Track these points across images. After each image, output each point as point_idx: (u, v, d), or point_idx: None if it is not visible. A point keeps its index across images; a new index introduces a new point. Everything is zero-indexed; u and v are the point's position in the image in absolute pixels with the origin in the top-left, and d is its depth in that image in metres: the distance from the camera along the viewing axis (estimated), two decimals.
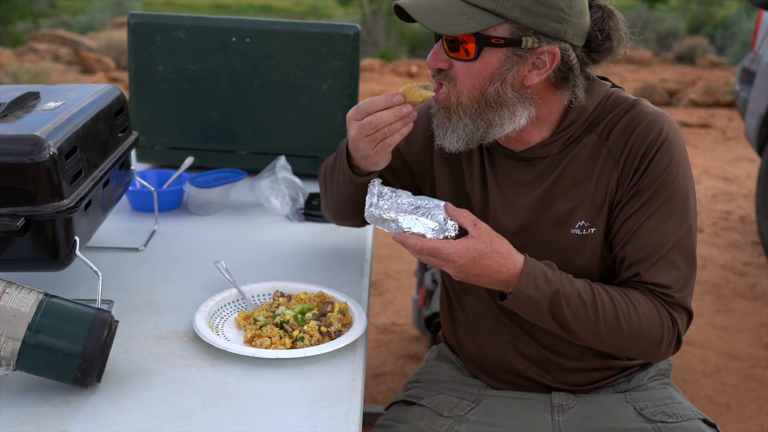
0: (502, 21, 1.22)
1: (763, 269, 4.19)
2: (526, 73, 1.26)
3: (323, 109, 2.08)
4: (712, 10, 16.54)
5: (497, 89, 1.26)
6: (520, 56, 1.24)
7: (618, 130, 1.32)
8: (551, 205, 1.35)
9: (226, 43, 2.04)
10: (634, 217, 1.31)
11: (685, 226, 1.31)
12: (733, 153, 6.79)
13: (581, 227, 1.34)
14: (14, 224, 1.18)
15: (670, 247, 1.30)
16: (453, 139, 1.31)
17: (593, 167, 1.33)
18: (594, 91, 1.35)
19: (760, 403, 2.89)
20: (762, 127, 4.13)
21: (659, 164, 1.30)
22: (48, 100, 1.41)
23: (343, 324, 1.35)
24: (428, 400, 1.42)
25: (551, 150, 1.35)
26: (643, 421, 1.36)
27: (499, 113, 1.28)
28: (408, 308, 3.60)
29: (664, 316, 1.31)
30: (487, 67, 1.25)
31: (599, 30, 1.28)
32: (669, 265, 1.30)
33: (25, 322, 1.07)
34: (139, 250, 1.65)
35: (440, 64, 1.29)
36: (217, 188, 1.87)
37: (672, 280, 1.31)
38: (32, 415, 1.07)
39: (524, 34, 1.22)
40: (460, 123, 1.29)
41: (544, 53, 1.24)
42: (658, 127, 1.31)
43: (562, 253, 1.34)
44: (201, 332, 1.27)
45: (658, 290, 1.31)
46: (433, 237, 1.26)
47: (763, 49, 4.24)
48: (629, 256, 1.32)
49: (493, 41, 1.23)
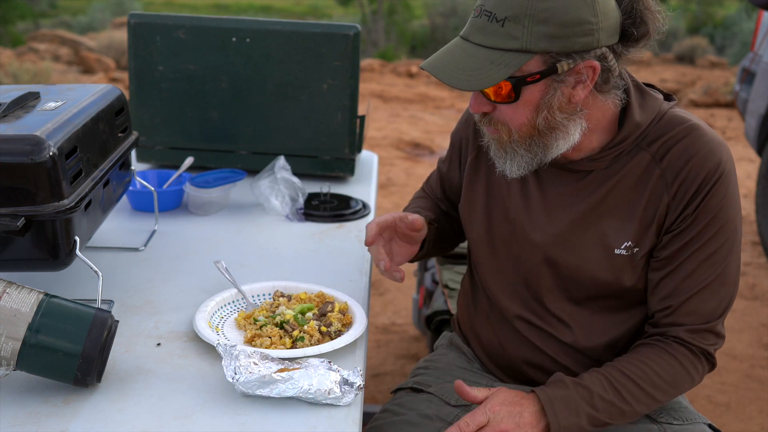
0: (532, 56, 1.17)
1: (763, 269, 4.19)
2: (571, 91, 1.21)
3: (323, 109, 2.08)
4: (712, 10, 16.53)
5: (546, 117, 1.23)
6: (560, 80, 1.20)
7: (674, 153, 1.27)
8: (598, 222, 1.31)
9: (226, 43, 2.04)
10: (683, 249, 1.28)
11: (731, 258, 1.29)
12: (733, 153, 6.77)
13: (627, 248, 1.30)
14: (14, 224, 1.18)
15: (712, 279, 1.28)
16: (513, 167, 1.29)
17: (644, 188, 1.29)
18: (648, 107, 1.30)
19: (760, 403, 2.89)
20: (762, 127, 4.13)
21: (714, 197, 1.26)
22: (48, 100, 1.41)
23: (343, 324, 1.35)
24: (436, 387, 1.41)
25: (600, 164, 1.31)
26: (649, 421, 1.35)
27: (554, 136, 1.25)
28: (408, 308, 3.60)
29: (687, 363, 1.29)
30: (530, 102, 1.21)
31: (632, 18, 1.22)
32: (708, 299, 1.28)
33: (26, 322, 1.07)
34: (139, 250, 1.65)
35: (484, 108, 1.25)
36: (217, 188, 1.87)
37: (708, 314, 1.29)
38: (32, 415, 1.07)
39: (558, 60, 1.18)
40: (516, 154, 1.28)
41: (584, 69, 1.20)
42: (717, 158, 1.26)
43: (604, 271, 1.31)
44: (201, 332, 1.27)
45: (686, 330, 1.29)
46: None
47: (763, 49, 4.24)
48: (669, 286, 1.29)
49: (529, 79, 1.18)
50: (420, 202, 1.61)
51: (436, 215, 1.57)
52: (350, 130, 2.10)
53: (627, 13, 1.21)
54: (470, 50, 1.20)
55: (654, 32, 1.22)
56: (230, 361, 1.14)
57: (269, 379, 1.11)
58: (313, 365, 1.15)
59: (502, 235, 1.40)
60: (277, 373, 1.12)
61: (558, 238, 1.34)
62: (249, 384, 1.12)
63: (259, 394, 1.13)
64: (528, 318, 1.40)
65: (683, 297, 1.28)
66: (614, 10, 1.20)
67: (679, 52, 12.62)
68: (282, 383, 1.12)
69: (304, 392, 1.12)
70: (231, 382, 1.13)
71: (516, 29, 1.16)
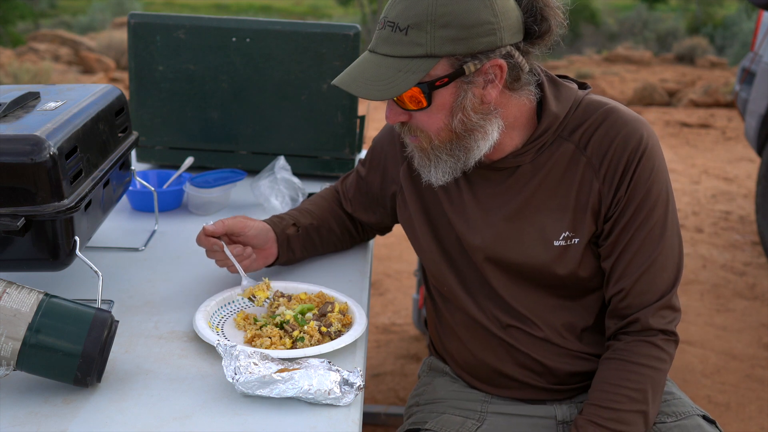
0: (438, 59, 1.20)
1: (763, 269, 4.19)
2: (482, 91, 1.24)
3: (323, 109, 2.08)
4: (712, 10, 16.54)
5: (462, 120, 1.25)
6: (470, 81, 1.22)
7: (596, 139, 1.31)
8: (534, 216, 1.34)
9: (226, 43, 2.04)
10: (624, 230, 1.31)
11: (670, 227, 1.32)
12: (733, 153, 6.79)
13: (565, 238, 1.33)
14: (14, 224, 1.18)
15: (657, 255, 1.31)
16: (439, 175, 1.32)
17: (573, 177, 1.32)
18: (563, 97, 1.33)
19: (759, 403, 2.89)
20: (762, 127, 4.13)
21: (643, 173, 1.30)
22: (48, 100, 1.41)
23: (343, 324, 1.35)
24: (433, 423, 1.40)
25: (525, 159, 1.33)
26: None
27: (473, 138, 1.28)
28: (408, 308, 3.60)
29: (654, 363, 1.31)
30: (443, 106, 1.24)
31: (533, 16, 1.25)
32: (657, 273, 1.31)
33: (26, 322, 1.08)
34: (139, 250, 1.65)
35: (400, 118, 1.29)
36: (217, 188, 1.87)
37: (660, 288, 1.31)
38: (32, 415, 1.07)
39: (464, 62, 1.20)
40: (440, 160, 1.30)
41: (491, 68, 1.23)
42: (638, 135, 1.30)
43: (545, 264, 1.34)
44: (201, 332, 1.27)
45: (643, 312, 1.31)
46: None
47: (762, 49, 4.24)
48: (618, 269, 1.32)
49: (438, 83, 1.21)
50: (309, 206, 1.64)
51: (319, 220, 1.60)
52: (350, 130, 2.10)
53: (527, 12, 1.25)
54: (378, 61, 1.23)
55: (556, 27, 1.26)
56: (230, 362, 1.14)
57: (269, 379, 1.11)
58: (314, 366, 1.15)
59: (451, 241, 1.42)
60: (277, 373, 1.12)
61: (497, 238, 1.36)
62: (249, 384, 1.12)
63: (259, 395, 1.13)
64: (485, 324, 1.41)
65: (634, 277, 1.31)
66: (514, 9, 1.23)
67: (679, 52, 12.62)
68: (282, 383, 1.12)
69: (304, 392, 1.12)
70: (231, 382, 1.13)
71: (419, 36, 1.18)
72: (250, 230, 1.48)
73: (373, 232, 1.69)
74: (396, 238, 4.42)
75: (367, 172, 1.58)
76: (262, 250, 1.50)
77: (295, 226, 1.56)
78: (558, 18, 1.26)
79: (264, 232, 1.50)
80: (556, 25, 1.26)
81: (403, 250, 4.34)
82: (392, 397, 2.86)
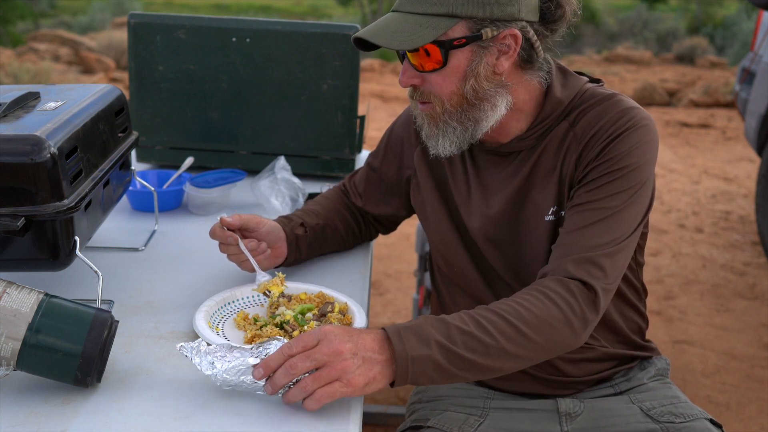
0: (458, 20, 1.25)
1: (763, 269, 4.19)
2: (495, 61, 1.28)
3: (323, 109, 2.08)
4: (712, 10, 16.55)
5: (473, 86, 1.28)
6: (485, 47, 1.27)
7: (588, 117, 1.32)
8: (527, 197, 1.36)
9: (226, 43, 2.04)
10: (583, 189, 1.29)
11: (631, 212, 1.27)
12: (733, 153, 6.79)
13: (553, 212, 1.34)
14: (14, 224, 1.18)
15: (604, 218, 1.26)
16: (447, 144, 1.34)
17: (561, 152, 1.34)
18: (570, 85, 1.36)
19: (760, 403, 2.89)
20: (762, 127, 4.13)
21: (621, 146, 1.28)
22: (48, 100, 1.41)
23: (343, 324, 1.35)
24: (435, 420, 1.40)
25: (527, 144, 1.36)
26: (651, 422, 1.35)
27: (482, 108, 1.30)
28: (408, 308, 3.60)
29: (557, 299, 1.20)
30: (458, 68, 1.28)
31: (549, 0, 1.29)
32: (595, 231, 1.26)
33: (26, 322, 1.07)
34: (139, 250, 1.65)
35: (413, 81, 1.32)
36: (217, 188, 1.87)
37: (591, 243, 1.25)
38: (32, 415, 1.07)
39: (482, 26, 1.25)
40: (449, 128, 1.32)
41: (506, 37, 1.27)
42: (630, 115, 1.30)
43: (540, 241, 1.35)
44: (201, 332, 1.27)
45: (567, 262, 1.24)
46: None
47: (762, 49, 4.24)
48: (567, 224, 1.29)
49: (455, 43, 1.26)
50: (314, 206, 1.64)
51: (324, 220, 1.60)
52: (350, 130, 2.10)
53: None
54: (401, 17, 1.28)
55: (570, 14, 1.31)
56: (201, 358, 1.10)
57: (247, 364, 1.09)
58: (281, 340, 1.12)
59: (461, 223, 1.45)
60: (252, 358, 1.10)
61: (495, 220, 1.38)
62: (232, 371, 1.09)
63: (244, 384, 1.10)
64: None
65: (569, 229, 1.28)
66: None
67: (679, 52, 12.63)
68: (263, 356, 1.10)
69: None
70: (210, 375, 1.09)
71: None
72: (264, 226, 1.50)
73: (380, 229, 1.69)
74: (396, 238, 4.42)
75: (381, 162, 1.62)
76: (273, 249, 1.51)
77: (303, 226, 1.57)
78: (572, 5, 1.31)
79: (276, 230, 1.51)
80: (570, 12, 1.30)
81: (403, 250, 4.34)
82: (392, 397, 2.86)
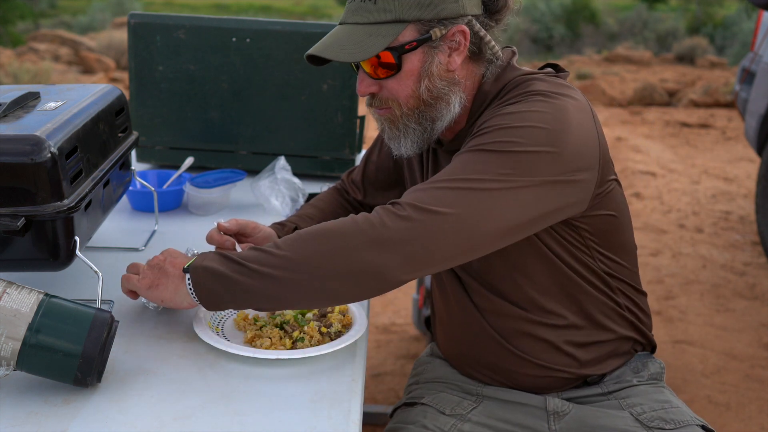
0: (406, 24, 1.26)
1: (763, 269, 4.19)
2: (447, 59, 1.30)
3: (323, 109, 2.08)
4: (712, 10, 16.54)
5: (428, 86, 1.30)
6: (436, 47, 1.28)
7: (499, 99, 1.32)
8: None
9: (226, 43, 2.04)
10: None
11: (499, 168, 1.19)
12: (733, 153, 6.79)
13: None
14: (14, 224, 1.18)
15: (445, 179, 1.20)
16: (408, 145, 1.36)
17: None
18: (503, 77, 1.34)
19: (759, 403, 2.89)
20: (762, 127, 4.13)
21: (508, 107, 1.26)
22: (48, 100, 1.41)
23: (343, 324, 1.35)
24: (429, 398, 1.43)
25: (464, 139, 1.34)
26: (641, 427, 1.33)
27: (437, 107, 1.32)
28: (408, 308, 3.60)
29: (357, 216, 1.19)
30: (412, 71, 1.29)
31: None
32: (430, 190, 1.19)
33: (26, 322, 1.07)
34: (139, 250, 1.65)
35: (371, 89, 1.33)
36: (217, 188, 1.87)
37: (415, 196, 1.19)
38: (32, 415, 1.07)
39: (430, 27, 1.27)
40: (409, 129, 1.34)
41: (455, 34, 1.28)
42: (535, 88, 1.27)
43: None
44: (201, 332, 1.27)
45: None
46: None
47: (762, 49, 4.24)
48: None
49: (407, 47, 1.27)
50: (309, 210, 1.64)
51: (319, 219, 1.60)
52: (350, 130, 2.10)
53: None
54: (349, 29, 1.29)
55: (512, 3, 1.34)
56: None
57: None
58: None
59: None
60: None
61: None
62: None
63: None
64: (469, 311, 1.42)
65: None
66: None
67: (679, 52, 12.62)
68: None
69: None
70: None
71: (387, 3, 1.26)
72: (260, 232, 1.51)
73: None
74: None
75: (378, 153, 1.66)
76: None
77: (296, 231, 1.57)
78: None
79: (272, 237, 1.53)
80: (512, 2, 1.33)
81: None
82: (392, 397, 2.86)
